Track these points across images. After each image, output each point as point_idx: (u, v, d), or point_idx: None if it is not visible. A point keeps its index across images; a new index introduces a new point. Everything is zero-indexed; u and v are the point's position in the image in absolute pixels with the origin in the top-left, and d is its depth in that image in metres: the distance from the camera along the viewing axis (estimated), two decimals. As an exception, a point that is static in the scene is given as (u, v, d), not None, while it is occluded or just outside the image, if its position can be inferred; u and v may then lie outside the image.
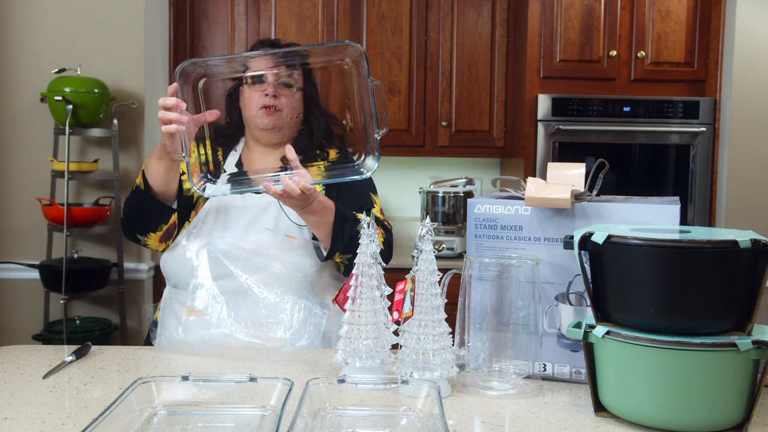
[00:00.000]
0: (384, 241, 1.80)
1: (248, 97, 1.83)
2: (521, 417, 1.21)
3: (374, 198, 1.90)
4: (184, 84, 1.58)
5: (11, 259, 3.17)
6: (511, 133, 3.65)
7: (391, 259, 1.84)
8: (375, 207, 1.87)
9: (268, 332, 1.62)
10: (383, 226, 1.84)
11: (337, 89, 1.81)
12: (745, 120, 3.34)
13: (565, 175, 1.42)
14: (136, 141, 3.24)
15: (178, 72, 1.56)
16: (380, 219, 1.85)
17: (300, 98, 1.85)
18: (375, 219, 1.82)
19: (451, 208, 3.57)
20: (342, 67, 1.64)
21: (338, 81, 1.81)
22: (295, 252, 1.76)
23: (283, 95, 1.81)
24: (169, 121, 1.53)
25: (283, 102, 1.81)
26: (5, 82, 3.18)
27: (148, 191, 1.71)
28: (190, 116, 1.58)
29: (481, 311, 1.35)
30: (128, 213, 1.78)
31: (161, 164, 1.66)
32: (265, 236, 1.75)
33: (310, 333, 1.66)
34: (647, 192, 3.38)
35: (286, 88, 1.82)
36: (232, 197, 1.79)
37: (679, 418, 1.12)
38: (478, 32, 3.63)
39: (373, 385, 1.24)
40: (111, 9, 3.19)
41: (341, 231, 1.69)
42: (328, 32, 3.56)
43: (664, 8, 3.38)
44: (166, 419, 1.15)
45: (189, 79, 1.60)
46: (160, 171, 1.68)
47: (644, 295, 1.15)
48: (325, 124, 1.88)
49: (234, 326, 1.63)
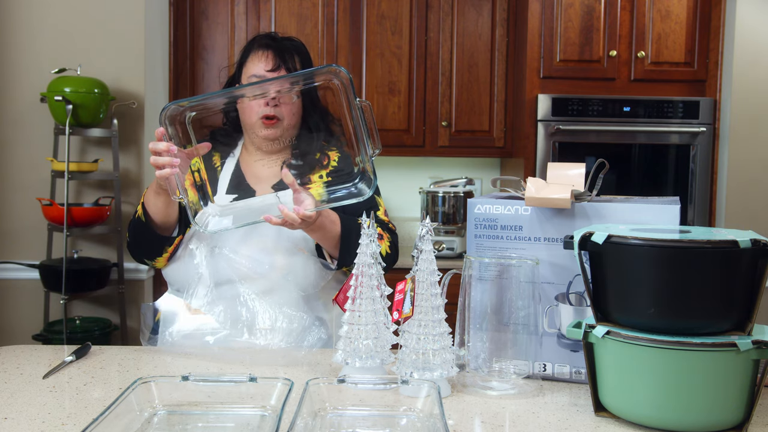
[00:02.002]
0: (390, 245, 1.79)
1: (247, 106, 1.78)
2: (521, 417, 1.21)
3: (378, 200, 1.88)
4: (171, 123, 1.57)
5: (11, 259, 3.17)
6: (511, 133, 3.65)
7: (397, 261, 1.82)
8: (379, 209, 1.85)
9: (266, 336, 1.62)
10: (388, 229, 1.82)
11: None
12: (745, 120, 3.34)
13: (565, 175, 1.42)
14: (136, 141, 3.24)
15: (164, 116, 1.54)
16: (384, 221, 1.83)
17: (300, 103, 1.82)
18: (380, 222, 1.81)
19: (451, 208, 3.57)
20: (330, 90, 1.63)
21: (328, 105, 1.82)
22: (299, 263, 1.73)
23: (283, 103, 1.77)
24: (162, 165, 1.53)
25: (284, 111, 1.77)
26: (5, 82, 3.18)
27: (149, 224, 1.71)
28: (182, 153, 1.57)
29: (481, 311, 1.35)
30: (133, 242, 1.78)
31: (159, 199, 1.66)
32: (268, 241, 1.70)
33: (309, 342, 1.66)
34: (647, 192, 3.38)
35: (286, 94, 1.78)
36: (233, 202, 1.76)
37: (679, 418, 1.12)
38: (478, 32, 3.63)
39: (373, 385, 1.24)
40: (111, 9, 3.19)
41: (348, 244, 1.67)
42: (328, 32, 3.56)
43: (664, 8, 3.38)
44: (166, 419, 1.15)
45: (176, 118, 1.58)
46: (159, 205, 1.67)
47: (644, 295, 1.15)
48: (325, 125, 1.85)
49: (234, 330, 1.63)
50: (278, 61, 1.78)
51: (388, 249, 1.77)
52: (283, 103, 1.77)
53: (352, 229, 1.68)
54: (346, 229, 1.68)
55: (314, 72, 1.63)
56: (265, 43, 1.83)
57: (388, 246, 1.78)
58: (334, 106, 1.67)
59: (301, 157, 1.83)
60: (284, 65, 1.79)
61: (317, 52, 3.54)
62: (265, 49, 1.81)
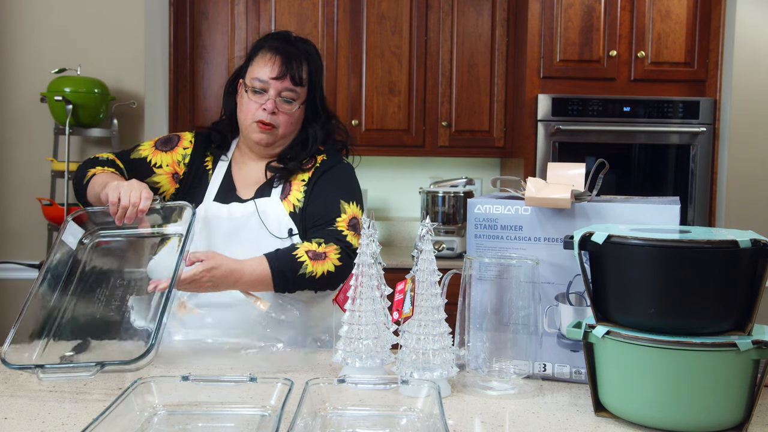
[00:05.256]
0: (340, 257, 1.65)
1: (246, 103, 1.76)
2: (521, 417, 1.21)
3: (345, 206, 1.74)
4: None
5: (11, 259, 3.17)
6: (511, 133, 3.65)
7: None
8: (342, 215, 1.72)
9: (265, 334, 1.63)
10: (341, 240, 1.68)
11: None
12: (745, 120, 3.34)
13: (565, 175, 1.42)
14: (136, 141, 3.23)
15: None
16: (339, 231, 1.70)
17: (302, 111, 1.78)
18: (331, 233, 1.69)
19: (451, 208, 3.57)
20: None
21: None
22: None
23: (282, 112, 1.74)
24: (124, 212, 1.54)
25: (280, 119, 1.74)
26: (5, 82, 3.18)
27: (84, 195, 1.72)
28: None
29: (481, 311, 1.35)
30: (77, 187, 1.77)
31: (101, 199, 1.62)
32: (245, 250, 1.66)
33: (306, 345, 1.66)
34: (647, 192, 3.38)
35: (287, 104, 1.74)
36: (218, 208, 1.75)
37: (679, 418, 1.12)
38: (478, 32, 3.63)
39: (373, 385, 1.24)
40: (111, 9, 3.19)
41: (279, 272, 1.60)
42: (328, 32, 3.56)
43: (664, 8, 3.38)
44: (166, 419, 1.15)
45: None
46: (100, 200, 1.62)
47: (644, 295, 1.15)
48: (323, 135, 1.82)
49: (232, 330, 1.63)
50: (284, 70, 1.73)
51: (337, 261, 1.65)
52: (282, 111, 1.74)
53: (278, 258, 1.62)
54: (271, 261, 1.61)
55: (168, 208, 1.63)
56: (275, 47, 1.76)
57: (337, 258, 1.65)
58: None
59: (282, 159, 1.80)
60: (290, 73, 1.73)
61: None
62: (274, 53, 1.75)
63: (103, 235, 1.64)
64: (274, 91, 1.73)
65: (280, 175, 1.77)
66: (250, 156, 1.83)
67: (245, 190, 1.79)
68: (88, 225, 1.64)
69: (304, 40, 1.83)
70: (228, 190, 1.79)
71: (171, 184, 1.81)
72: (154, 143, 1.85)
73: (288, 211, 1.74)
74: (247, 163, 1.83)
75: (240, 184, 1.80)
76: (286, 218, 1.73)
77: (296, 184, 1.78)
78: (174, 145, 1.84)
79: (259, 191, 1.78)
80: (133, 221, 1.56)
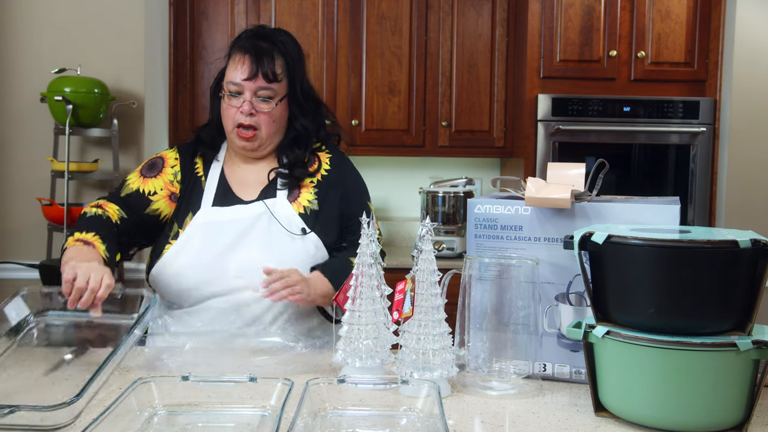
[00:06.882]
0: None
1: (225, 109, 1.72)
2: (521, 417, 1.21)
3: (370, 206, 1.86)
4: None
5: (11, 259, 3.17)
6: (511, 133, 3.65)
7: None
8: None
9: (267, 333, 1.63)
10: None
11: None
12: (745, 120, 3.34)
13: (565, 175, 1.42)
14: (136, 141, 3.24)
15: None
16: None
17: (284, 107, 1.73)
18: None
19: (451, 208, 3.57)
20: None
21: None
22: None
23: (261, 112, 1.69)
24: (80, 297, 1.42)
25: (261, 119, 1.70)
26: (5, 82, 3.18)
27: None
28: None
29: (481, 311, 1.35)
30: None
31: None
32: (254, 252, 1.67)
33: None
34: (647, 192, 3.38)
35: (264, 103, 1.70)
36: (218, 212, 1.72)
37: (679, 418, 1.12)
38: (478, 32, 3.63)
39: (373, 385, 1.24)
40: (111, 9, 3.19)
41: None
42: (328, 32, 3.56)
43: (664, 8, 3.38)
44: (166, 419, 1.15)
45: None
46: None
47: (644, 295, 1.15)
48: (315, 127, 1.79)
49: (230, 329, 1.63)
50: (255, 69, 1.68)
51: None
52: (261, 111, 1.69)
53: (340, 271, 1.68)
54: (335, 277, 1.67)
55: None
56: (244, 46, 1.72)
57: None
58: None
59: (288, 166, 1.78)
60: (261, 71, 1.68)
61: (317, 52, 3.54)
62: (243, 53, 1.71)
63: (51, 316, 1.51)
64: (249, 93, 1.69)
65: (289, 182, 1.76)
66: (242, 158, 1.80)
67: (245, 192, 1.77)
68: (38, 302, 1.51)
69: (278, 31, 1.77)
70: (225, 193, 1.76)
71: (169, 206, 1.76)
72: (139, 172, 1.79)
73: (298, 212, 1.74)
74: (241, 165, 1.80)
75: (237, 186, 1.78)
76: (296, 218, 1.73)
77: (305, 185, 1.78)
78: (161, 168, 1.78)
79: (263, 193, 1.76)
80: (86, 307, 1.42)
